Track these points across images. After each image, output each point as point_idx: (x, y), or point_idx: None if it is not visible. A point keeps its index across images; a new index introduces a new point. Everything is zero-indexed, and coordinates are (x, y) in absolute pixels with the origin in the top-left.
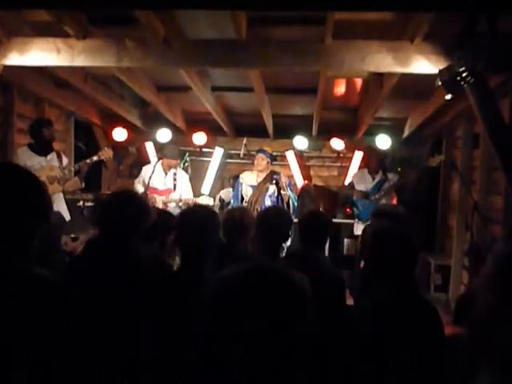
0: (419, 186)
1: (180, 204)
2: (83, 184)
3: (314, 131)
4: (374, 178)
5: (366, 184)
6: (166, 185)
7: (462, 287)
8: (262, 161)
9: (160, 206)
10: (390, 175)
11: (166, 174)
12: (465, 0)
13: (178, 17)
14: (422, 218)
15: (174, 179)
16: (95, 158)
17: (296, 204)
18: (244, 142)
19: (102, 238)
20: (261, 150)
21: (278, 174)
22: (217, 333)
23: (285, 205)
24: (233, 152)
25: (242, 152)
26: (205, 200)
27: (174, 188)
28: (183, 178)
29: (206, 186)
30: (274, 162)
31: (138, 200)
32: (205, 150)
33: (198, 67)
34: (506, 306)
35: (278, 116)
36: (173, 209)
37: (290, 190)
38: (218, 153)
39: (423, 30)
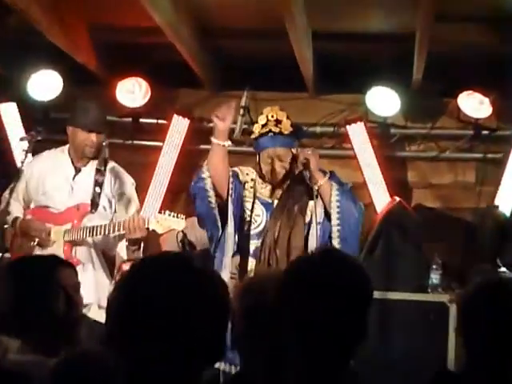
0: None
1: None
2: None
3: (417, 74)
4: None
5: None
6: (75, 196)
7: None
8: (279, 161)
9: (61, 250)
10: None
11: (78, 170)
12: None
13: None
14: None
15: (97, 183)
16: None
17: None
18: (243, 100)
19: None
20: (276, 139)
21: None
22: None
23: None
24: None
25: (237, 126)
26: (167, 222)
27: (94, 204)
28: (121, 180)
29: (153, 198)
30: (322, 152)
31: None
32: (145, 120)
33: None
34: None
35: (327, 37)
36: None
37: (353, 201)
38: (179, 128)
39: None
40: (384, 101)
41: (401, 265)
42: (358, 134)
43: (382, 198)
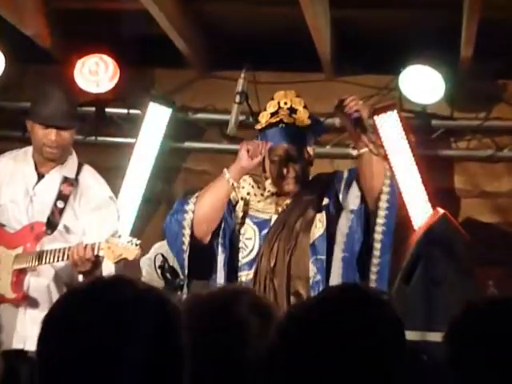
0: None
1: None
2: None
3: (466, 49)
4: None
5: None
6: (34, 212)
7: None
8: (291, 162)
9: (8, 282)
10: None
11: (41, 177)
12: None
13: None
14: None
15: (61, 196)
16: None
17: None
18: (239, 84)
19: None
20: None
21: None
22: None
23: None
24: (201, 117)
25: (232, 118)
26: (118, 249)
27: (51, 223)
28: (94, 188)
29: (125, 211)
30: (342, 150)
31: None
32: (113, 110)
33: None
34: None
35: (348, 1)
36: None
37: (388, 215)
38: (157, 120)
39: None
40: (423, 84)
41: (445, 297)
42: (389, 128)
43: (421, 210)
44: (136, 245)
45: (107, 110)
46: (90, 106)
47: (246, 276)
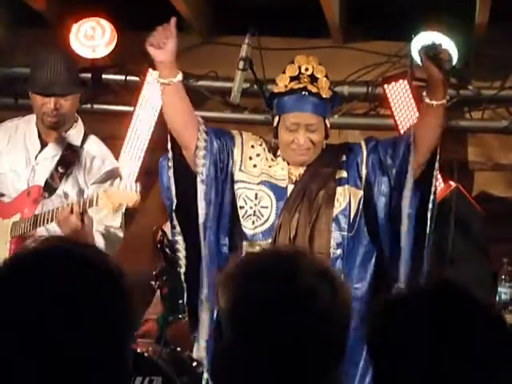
0: None
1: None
2: None
3: (481, 14)
4: None
5: None
6: (36, 181)
7: None
8: (309, 132)
9: (5, 249)
10: None
11: (44, 145)
12: None
13: None
14: None
15: (63, 161)
16: None
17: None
18: (243, 49)
19: None
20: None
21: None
22: None
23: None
24: (203, 84)
25: (235, 86)
26: (117, 197)
27: (48, 186)
28: (99, 160)
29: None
30: (352, 120)
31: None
32: (110, 77)
33: None
34: None
35: None
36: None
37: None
38: (156, 87)
39: None
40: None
41: (458, 274)
42: (400, 97)
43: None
44: (136, 191)
45: (104, 76)
46: (86, 73)
47: (264, 245)
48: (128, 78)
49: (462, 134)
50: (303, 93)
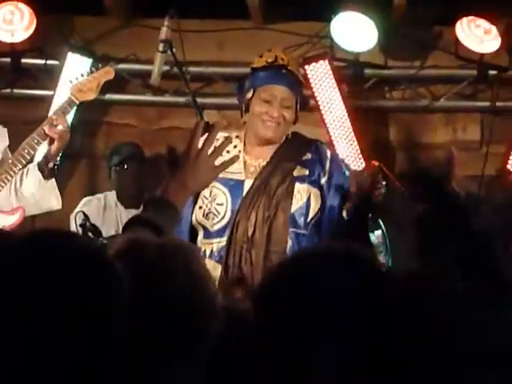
0: None
1: None
2: None
3: None
4: None
5: None
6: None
7: None
8: (282, 107)
9: None
10: None
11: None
12: None
13: None
14: None
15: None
16: None
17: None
18: (163, 32)
19: None
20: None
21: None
22: None
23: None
24: (123, 67)
25: (155, 68)
26: (94, 81)
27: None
28: None
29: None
30: None
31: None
32: (29, 61)
33: None
34: None
35: None
36: None
37: None
38: (76, 71)
39: None
40: (355, 32)
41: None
42: (320, 77)
43: (354, 163)
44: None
45: (23, 60)
46: (5, 57)
47: (217, 244)
48: (48, 62)
49: (382, 114)
50: (283, 70)
